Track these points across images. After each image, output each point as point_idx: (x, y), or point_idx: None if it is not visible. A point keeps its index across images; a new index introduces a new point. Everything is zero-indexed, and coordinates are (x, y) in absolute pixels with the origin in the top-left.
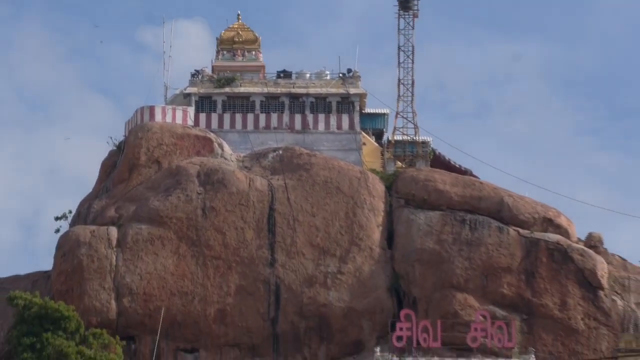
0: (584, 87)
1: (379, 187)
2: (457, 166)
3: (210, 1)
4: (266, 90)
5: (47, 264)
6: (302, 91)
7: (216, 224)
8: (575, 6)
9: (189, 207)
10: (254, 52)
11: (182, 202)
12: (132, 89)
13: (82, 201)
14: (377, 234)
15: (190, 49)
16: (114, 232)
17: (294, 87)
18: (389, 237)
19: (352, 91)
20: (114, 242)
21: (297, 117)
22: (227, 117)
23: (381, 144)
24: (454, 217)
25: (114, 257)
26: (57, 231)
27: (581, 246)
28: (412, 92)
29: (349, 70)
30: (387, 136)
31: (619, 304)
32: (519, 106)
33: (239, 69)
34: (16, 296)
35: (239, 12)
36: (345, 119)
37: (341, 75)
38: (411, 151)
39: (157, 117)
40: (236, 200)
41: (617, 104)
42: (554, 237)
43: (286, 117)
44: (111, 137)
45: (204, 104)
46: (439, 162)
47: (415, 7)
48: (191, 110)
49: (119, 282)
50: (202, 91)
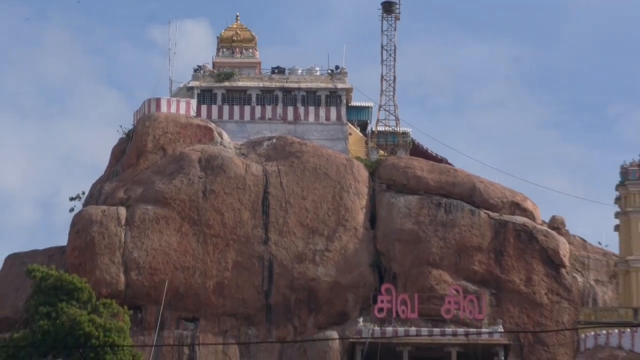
0: (550, 84)
1: (363, 173)
2: (434, 155)
3: (212, 3)
4: (262, 84)
5: (62, 240)
6: (294, 86)
7: (215, 205)
8: (542, 10)
9: (191, 189)
10: (251, 50)
11: (184, 185)
12: (140, 83)
13: (94, 184)
14: (361, 216)
15: (193, 46)
16: (123, 211)
17: (286, 82)
18: (372, 218)
19: (339, 86)
20: (123, 221)
21: (290, 109)
22: (226, 108)
23: (365, 134)
24: (431, 200)
25: (123, 235)
26: (72, 210)
27: (545, 228)
28: (393, 88)
29: (337, 67)
30: (371, 127)
31: (579, 281)
32: (492, 101)
33: (237, 65)
34: (34, 269)
35: (238, 13)
36: (333, 111)
37: (330, 71)
38: (392, 141)
39: (163, 108)
40: (234, 184)
41: (580, 99)
42: (520, 219)
43: (280, 109)
44: (121, 126)
45: (205, 96)
46: (418, 151)
47: (397, 11)
48: (194, 102)
49: (127, 257)
50: (203, 85)
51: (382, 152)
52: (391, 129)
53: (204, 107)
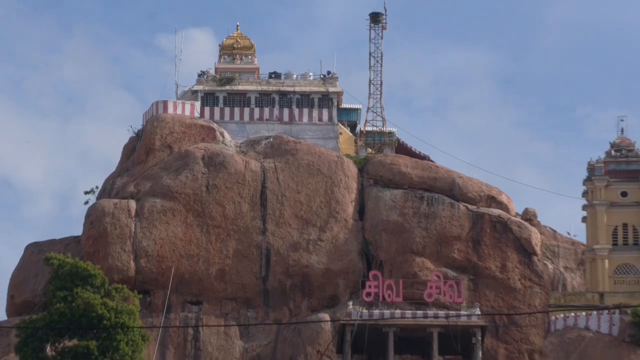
0: (522, 87)
1: (353, 169)
2: (418, 152)
3: (214, 13)
4: (260, 88)
5: (78, 230)
6: (290, 89)
7: (217, 198)
8: (516, 21)
9: (195, 184)
10: (250, 57)
11: (189, 180)
12: (149, 86)
13: (107, 178)
14: (350, 208)
15: (197, 53)
16: (133, 204)
17: (282, 86)
18: (361, 210)
19: (331, 90)
20: (133, 213)
21: (285, 111)
22: (227, 110)
23: (355, 134)
24: (414, 194)
25: (133, 225)
26: (86, 203)
27: (519, 219)
28: (380, 91)
29: (329, 72)
30: (360, 127)
31: (549, 268)
32: (470, 103)
33: (238, 71)
34: (52, 257)
35: (238, 23)
36: (325, 113)
37: (322, 76)
38: (379, 140)
39: (170, 110)
40: (234, 179)
41: (550, 101)
42: (496, 211)
43: (276, 111)
44: (131, 126)
45: (208, 99)
46: (403, 149)
47: (383, 21)
48: (197, 104)
49: (137, 246)
50: (206, 89)
51: (370, 150)
52: (378, 129)
53: (207, 109)
